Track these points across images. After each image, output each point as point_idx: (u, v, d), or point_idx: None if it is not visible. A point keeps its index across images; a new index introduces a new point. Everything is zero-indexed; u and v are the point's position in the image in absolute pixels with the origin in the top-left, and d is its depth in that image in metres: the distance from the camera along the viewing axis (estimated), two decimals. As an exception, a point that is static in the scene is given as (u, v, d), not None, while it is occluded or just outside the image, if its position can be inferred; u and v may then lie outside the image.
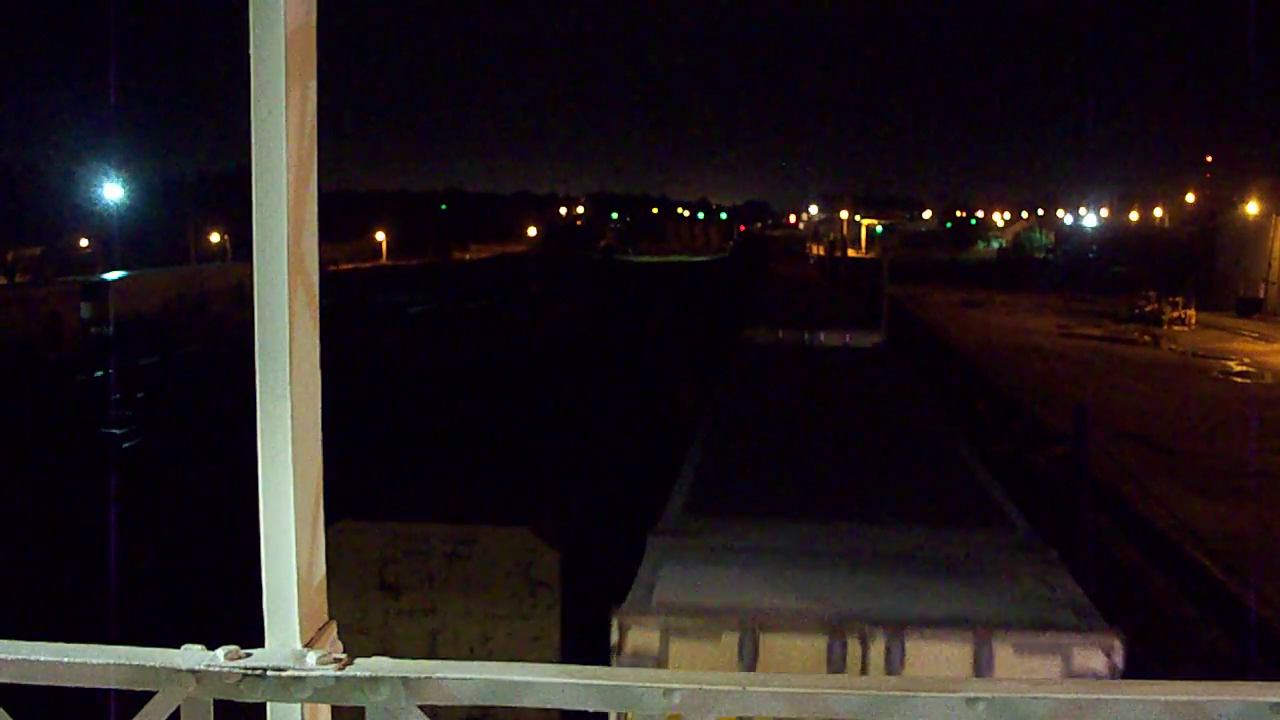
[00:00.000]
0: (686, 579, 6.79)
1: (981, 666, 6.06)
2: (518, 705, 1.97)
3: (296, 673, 2.00)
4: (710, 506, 8.34)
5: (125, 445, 23.68)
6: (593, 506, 13.08)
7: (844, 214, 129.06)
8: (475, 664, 1.99)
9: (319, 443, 2.25)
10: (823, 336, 20.71)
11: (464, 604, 9.86)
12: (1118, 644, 6.01)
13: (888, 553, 7.28)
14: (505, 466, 16.87)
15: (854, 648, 6.18)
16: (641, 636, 6.19)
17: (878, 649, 6.15)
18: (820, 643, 6.20)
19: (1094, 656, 6.05)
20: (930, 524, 7.92)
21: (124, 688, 2.01)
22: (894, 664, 6.16)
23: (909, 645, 6.16)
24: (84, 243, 69.37)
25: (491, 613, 9.75)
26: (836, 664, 6.17)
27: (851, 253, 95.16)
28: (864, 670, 6.21)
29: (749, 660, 6.19)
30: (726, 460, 10.33)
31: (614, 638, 6.24)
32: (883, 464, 10.35)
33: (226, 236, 73.52)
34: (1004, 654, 6.11)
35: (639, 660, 6.23)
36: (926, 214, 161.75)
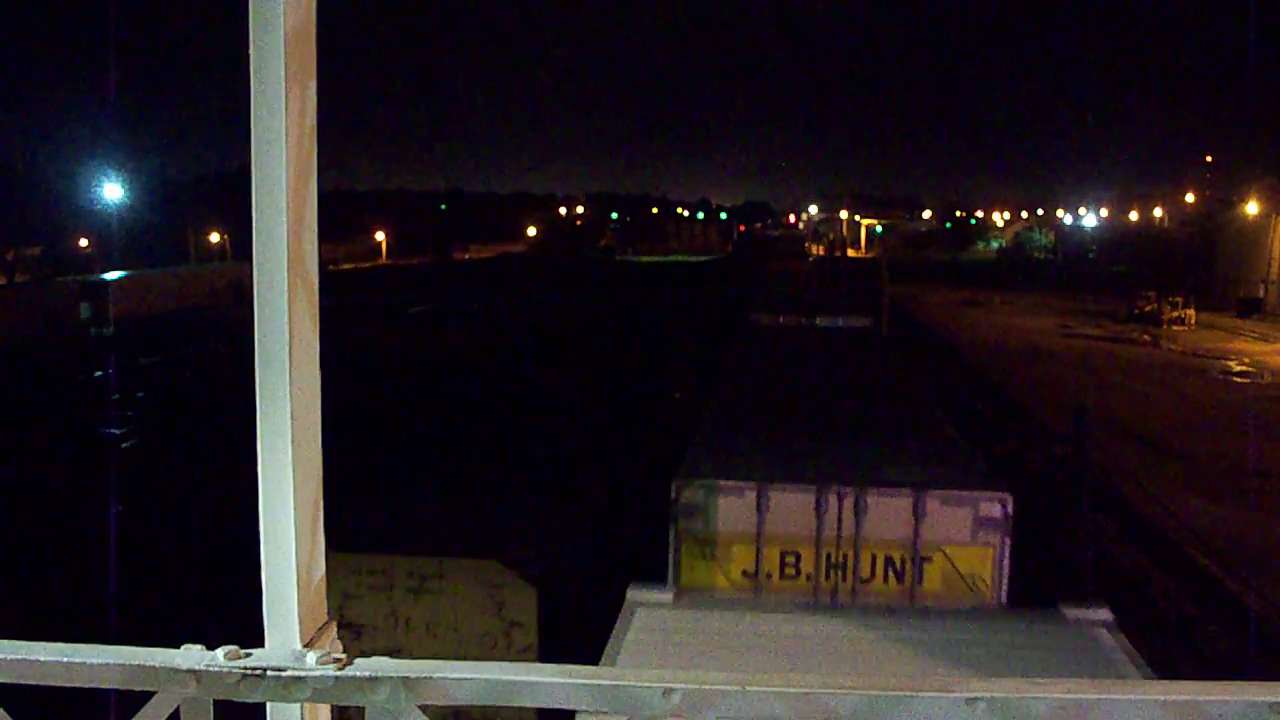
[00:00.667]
0: (720, 462, 9.71)
1: (918, 513, 9.01)
2: (517, 705, 1.97)
3: (296, 673, 2.00)
4: (732, 425, 11.70)
5: (124, 445, 23.68)
6: (576, 533, 11.97)
7: (844, 214, 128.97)
8: (475, 664, 1.99)
9: (319, 443, 2.25)
10: (818, 319, 23.45)
11: (431, 645, 9.17)
12: (1010, 498, 8.95)
13: (857, 451, 10.31)
14: (482, 483, 15.90)
15: (832, 500, 9.09)
16: (691, 494, 9.13)
17: (849, 502, 9.09)
18: (809, 497, 9.11)
19: (993, 507, 9.04)
20: (887, 435, 11.30)
21: (124, 688, 2.01)
22: (860, 511, 9.12)
23: (869, 499, 9.06)
24: (84, 243, 69.27)
25: (461, 655, 8.81)
26: (821, 511, 9.11)
27: (851, 253, 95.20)
28: (840, 516, 9.14)
29: (764, 508, 9.13)
30: (742, 397, 13.86)
31: (673, 495, 9.21)
32: (857, 401, 13.65)
33: (226, 236, 73.46)
34: (933, 505, 9.03)
35: (691, 509, 9.18)
36: (926, 214, 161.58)
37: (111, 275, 46.03)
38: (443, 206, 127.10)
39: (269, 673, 2.00)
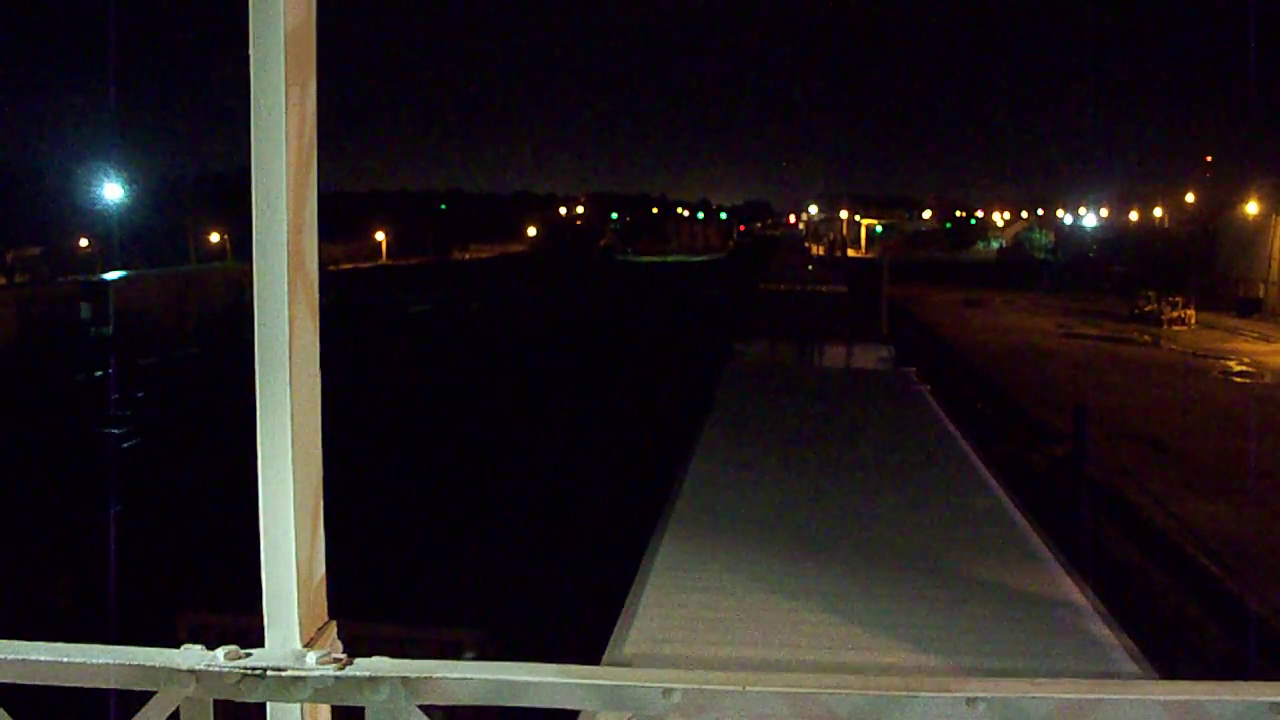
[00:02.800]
0: (754, 332, 24.25)
1: (849, 353, 22.04)
2: (517, 705, 1.97)
3: (296, 672, 2.00)
4: (759, 325, 24.38)
5: (124, 445, 23.67)
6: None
7: (844, 214, 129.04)
8: (475, 664, 1.99)
9: (319, 443, 2.25)
10: (809, 287, 37.68)
11: None
12: (893, 348, 22.80)
13: (823, 330, 24.81)
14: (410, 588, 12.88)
15: (810, 348, 22.65)
16: (742, 345, 21.99)
17: (817, 349, 22.34)
18: (796, 345, 22.78)
19: (884, 351, 22.02)
20: (847, 352, 22.11)
21: (124, 688, 2.01)
22: (821, 353, 22.21)
23: (825, 346, 22.44)
24: (84, 243, 69.17)
25: None
26: (803, 353, 22.43)
27: (851, 252, 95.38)
28: (813, 355, 22.23)
29: (775, 351, 22.43)
30: (758, 329, 24.69)
31: (733, 346, 21.86)
32: (831, 335, 24.10)
33: (226, 236, 73.38)
34: (857, 349, 22.06)
35: (741, 351, 21.61)
36: (926, 214, 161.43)
37: (112, 275, 45.94)
38: (443, 206, 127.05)
39: (269, 673, 2.00)
